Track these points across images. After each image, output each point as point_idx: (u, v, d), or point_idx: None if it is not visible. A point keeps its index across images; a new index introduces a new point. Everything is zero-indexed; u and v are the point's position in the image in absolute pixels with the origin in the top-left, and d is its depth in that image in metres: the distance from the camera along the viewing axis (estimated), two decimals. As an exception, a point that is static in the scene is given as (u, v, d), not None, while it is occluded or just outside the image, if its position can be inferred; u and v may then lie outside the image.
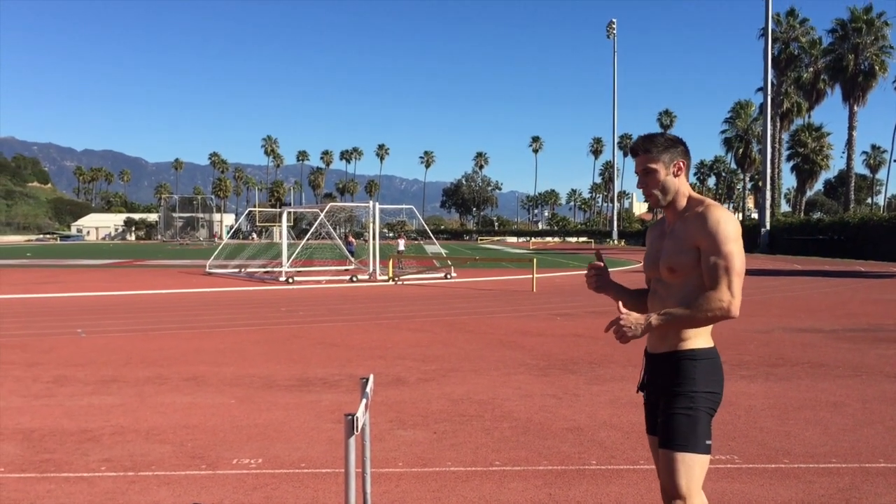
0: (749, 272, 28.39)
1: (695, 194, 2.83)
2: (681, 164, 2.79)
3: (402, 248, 36.82)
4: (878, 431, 5.61)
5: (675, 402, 2.67)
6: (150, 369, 8.26)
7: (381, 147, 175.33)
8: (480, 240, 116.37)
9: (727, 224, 2.65)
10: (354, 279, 23.54)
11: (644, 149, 2.79)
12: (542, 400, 6.71)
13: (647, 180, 2.80)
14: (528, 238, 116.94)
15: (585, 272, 3.05)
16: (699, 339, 2.74)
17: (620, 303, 2.84)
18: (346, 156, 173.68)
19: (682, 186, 2.81)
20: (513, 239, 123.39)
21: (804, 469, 4.72)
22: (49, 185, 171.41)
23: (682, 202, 2.81)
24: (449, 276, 24.63)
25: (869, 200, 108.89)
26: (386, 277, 23.86)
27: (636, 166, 2.84)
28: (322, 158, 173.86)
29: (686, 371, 2.70)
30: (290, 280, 22.79)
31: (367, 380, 3.61)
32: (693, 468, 2.62)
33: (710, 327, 2.77)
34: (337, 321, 13.04)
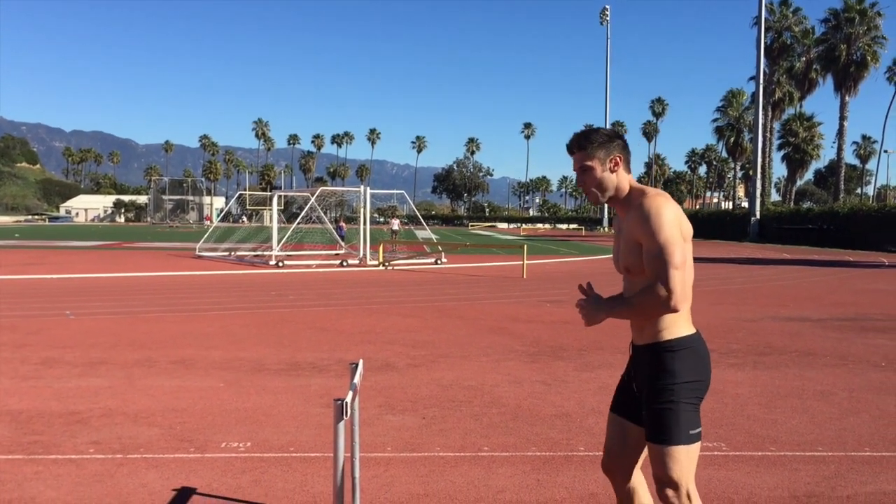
0: (738, 261, 28.53)
1: (637, 185, 2.77)
2: (617, 158, 2.74)
3: (396, 227, 36.66)
4: (863, 420, 5.65)
5: (657, 396, 2.67)
6: (138, 352, 8.23)
7: (372, 131, 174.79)
8: (471, 226, 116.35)
9: (659, 215, 2.57)
10: (345, 264, 23.50)
11: (579, 146, 2.75)
12: (531, 386, 6.73)
13: (585, 178, 2.76)
14: (519, 224, 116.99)
15: (580, 314, 2.78)
16: (677, 327, 2.69)
17: (590, 283, 2.84)
18: (338, 140, 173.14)
19: (621, 181, 2.76)
20: (504, 225, 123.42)
21: (790, 457, 4.76)
22: (38, 165, 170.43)
23: (625, 196, 2.77)
24: (439, 262, 24.63)
25: (859, 191, 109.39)
26: (376, 262, 23.84)
27: (573, 165, 2.80)
28: (313, 142, 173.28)
29: (665, 363, 2.67)
30: (280, 264, 22.74)
31: (357, 365, 3.61)
32: (680, 460, 2.64)
33: (688, 313, 2.72)
34: (327, 305, 13.03)
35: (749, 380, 7.06)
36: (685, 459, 2.65)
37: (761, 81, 55.04)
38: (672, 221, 2.58)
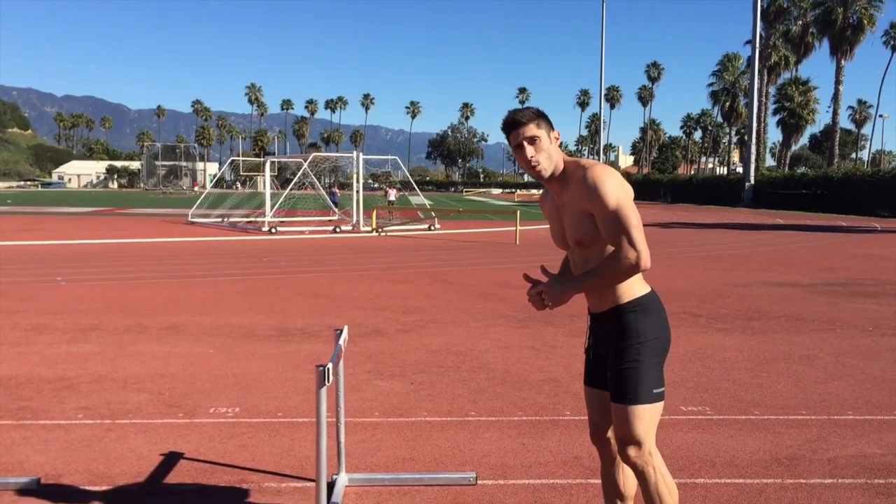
0: (732, 226, 28.58)
1: (569, 159, 2.78)
2: (557, 133, 2.76)
3: (392, 198, 36.43)
4: (848, 384, 5.70)
5: (621, 356, 2.72)
6: (129, 318, 8.24)
7: (366, 97, 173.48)
8: (465, 191, 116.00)
9: (605, 182, 2.60)
10: (338, 230, 23.48)
11: (526, 118, 2.71)
12: (520, 352, 6.76)
13: (535, 148, 2.71)
14: (514, 190, 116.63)
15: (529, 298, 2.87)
16: (634, 288, 2.74)
17: (543, 266, 2.87)
18: (331, 105, 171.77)
19: (559, 156, 2.76)
20: (498, 191, 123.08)
21: (774, 420, 4.80)
22: (29, 131, 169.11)
23: (562, 170, 2.76)
24: (433, 228, 24.63)
25: (853, 155, 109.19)
26: (369, 228, 23.83)
27: (518, 138, 2.71)
28: (307, 107, 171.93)
29: (628, 324, 2.72)
30: (273, 230, 22.71)
31: (341, 331, 3.62)
32: (643, 418, 2.68)
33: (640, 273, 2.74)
34: (319, 272, 13.04)
35: (736, 344, 7.10)
36: (648, 418, 2.69)
37: (757, 45, 54.58)
38: (618, 186, 2.62)
